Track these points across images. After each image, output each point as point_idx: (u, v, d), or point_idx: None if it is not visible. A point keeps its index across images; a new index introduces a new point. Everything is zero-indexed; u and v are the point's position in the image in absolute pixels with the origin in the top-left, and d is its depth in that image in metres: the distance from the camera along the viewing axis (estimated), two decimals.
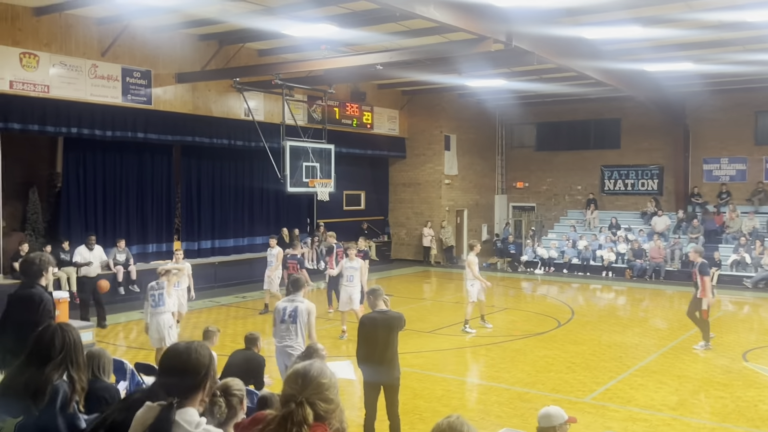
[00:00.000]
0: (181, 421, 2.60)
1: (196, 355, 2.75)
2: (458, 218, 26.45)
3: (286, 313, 7.73)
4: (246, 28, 15.72)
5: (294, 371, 2.58)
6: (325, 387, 2.53)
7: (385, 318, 7.07)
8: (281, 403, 2.52)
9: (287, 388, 2.52)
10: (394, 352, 7.07)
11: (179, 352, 2.78)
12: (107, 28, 15.42)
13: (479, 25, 12.73)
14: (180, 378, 2.72)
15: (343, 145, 21.46)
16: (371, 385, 7.13)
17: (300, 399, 2.44)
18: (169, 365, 2.77)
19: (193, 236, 19.12)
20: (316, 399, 2.47)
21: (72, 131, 15.27)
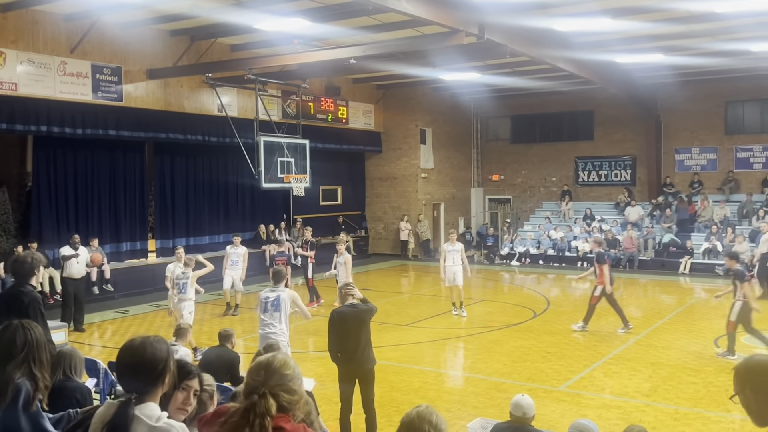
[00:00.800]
0: (141, 415, 2.58)
1: (151, 349, 2.72)
2: (435, 212, 26.52)
3: (269, 303, 8.03)
4: (218, 22, 15.58)
5: (257, 363, 2.57)
6: (288, 378, 2.52)
7: (355, 312, 7.11)
8: (244, 395, 2.51)
9: (250, 380, 2.51)
10: (367, 345, 7.11)
11: (134, 347, 2.75)
12: (75, 24, 15.19)
13: (451, 18, 12.75)
14: (136, 373, 2.69)
15: (318, 140, 21.40)
16: (346, 378, 7.15)
17: (263, 390, 2.44)
18: (125, 361, 2.74)
19: (167, 234, 18.96)
20: (279, 390, 2.47)
21: (41, 129, 15.03)
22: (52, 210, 16.24)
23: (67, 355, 4.87)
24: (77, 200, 16.70)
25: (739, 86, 22.91)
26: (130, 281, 17.09)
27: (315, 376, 9.82)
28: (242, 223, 20.85)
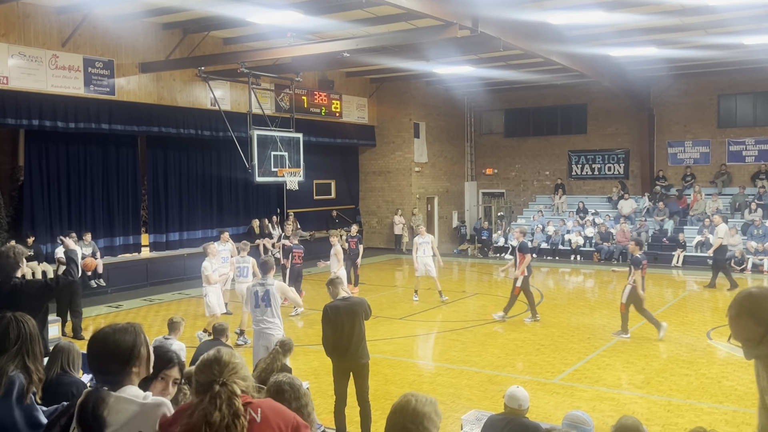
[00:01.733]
0: (128, 396, 2.65)
1: (113, 338, 2.75)
2: (429, 205, 26.53)
3: (259, 297, 8.02)
4: (210, 15, 15.51)
5: (205, 361, 2.68)
6: (239, 366, 2.68)
7: (348, 305, 7.12)
8: (198, 392, 2.62)
9: (203, 376, 2.63)
10: (361, 338, 7.11)
11: (98, 339, 2.79)
12: (67, 17, 15.10)
13: (445, 11, 12.72)
14: (103, 363, 2.73)
15: (311, 133, 21.36)
16: (340, 372, 7.16)
17: (221, 380, 2.59)
18: (91, 353, 2.78)
19: (160, 228, 18.90)
20: (235, 379, 2.62)
21: (33, 123, 14.94)
22: (45, 204, 16.16)
23: (64, 350, 4.86)
24: (70, 194, 16.62)
25: (732, 79, 22.98)
26: (124, 276, 17.04)
27: (310, 370, 9.85)
28: (236, 218, 20.82)
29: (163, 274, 17.94)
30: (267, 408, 2.66)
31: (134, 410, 2.65)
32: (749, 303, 2.69)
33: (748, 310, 2.67)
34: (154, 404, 2.68)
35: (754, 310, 2.66)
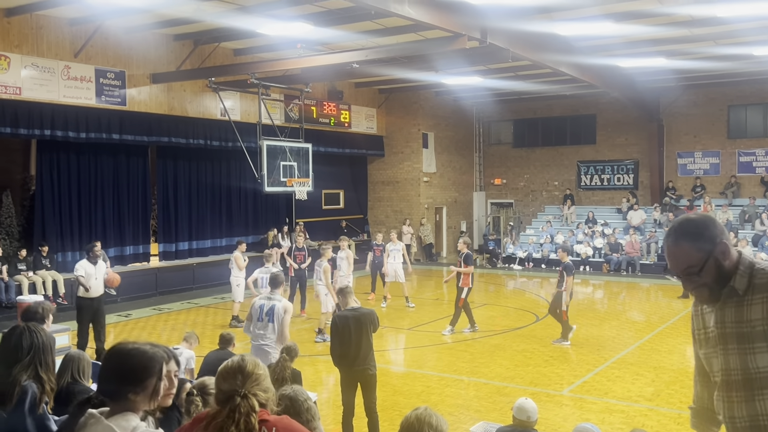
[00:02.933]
0: (115, 426, 2.47)
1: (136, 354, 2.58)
2: (437, 216, 26.53)
3: (263, 312, 7.69)
4: (221, 27, 15.64)
5: (229, 369, 2.66)
6: (262, 378, 2.65)
7: (356, 315, 7.11)
8: (219, 401, 2.59)
9: (226, 385, 2.60)
10: (368, 349, 7.09)
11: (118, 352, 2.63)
12: (79, 28, 15.26)
13: (454, 23, 12.78)
14: (105, 379, 2.59)
15: (320, 144, 21.45)
16: (347, 382, 7.16)
17: (243, 392, 2.56)
18: (107, 364, 2.64)
19: (170, 238, 18.99)
20: (257, 390, 2.60)
21: (45, 133, 15.07)
22: (56, 214, 16.28)
23: (75, 359, 4.89)
24: (80, 204, 16.74)
25: (742, 90, 22.92)
26: (133, 285, 17.08)
27: (318, 380, 9.85)
28: (245, 228, 20.90)
29: (173, 284, 18.02)
30: (282, 428, 2.62)
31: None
32: (689, 227, 2.49)
33: (687, 234, 2.47)
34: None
35: (694, 234, 2.46)
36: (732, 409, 2.56)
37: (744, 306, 2.50)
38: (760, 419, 2.50)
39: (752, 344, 2.47)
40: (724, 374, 2.56)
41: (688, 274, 2.49)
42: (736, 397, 2.53)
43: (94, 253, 10.94)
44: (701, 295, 2.55)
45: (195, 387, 4.33)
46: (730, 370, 2.54)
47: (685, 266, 2.49)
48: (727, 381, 2.55)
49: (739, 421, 2.55)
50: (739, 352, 2.50)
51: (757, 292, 2.49)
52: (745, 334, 2.48)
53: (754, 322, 2.46)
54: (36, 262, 15.26)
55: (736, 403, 2.54)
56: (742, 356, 2.49)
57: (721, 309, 2.55)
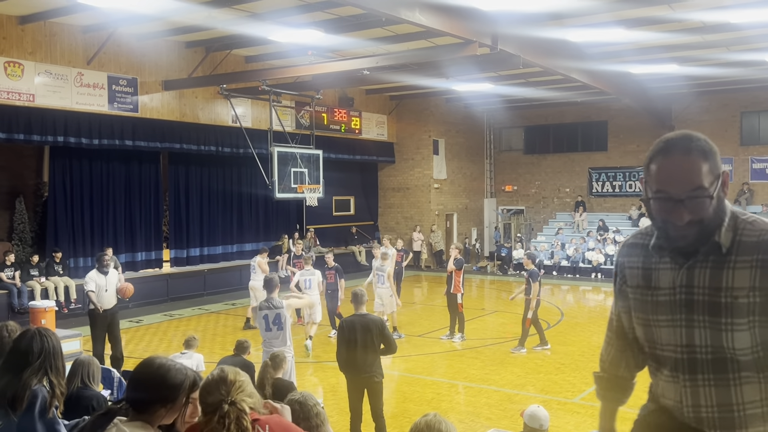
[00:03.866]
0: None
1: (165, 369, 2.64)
2: (448, 222, 26.49)
3: (270, 322, 7.75)
4: (232, 34, 15.72)
5: (211, 381, 2.65)
6: (245, 383, 2.66)
7: (364, 321, 7.09)
8: (206, 412, 2.59)
9: (211, 398, 2.60)
10: (375, 356, 7.06)
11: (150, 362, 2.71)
12: (92, 36, 15.38)
13: (465, 29, 12.77)
14: (139, 387, 2.64)
15: (331, 150, 21.49)
16: (354, 389, 7.15)
17: (230, 400, 2.57)
18: (137, 374, 2.71)
19: (181, 244, 19.06)
20: (243, 397, 2.60)
21: (58, 140, 15.18)
22: (68, 220, 16.39)
23: (84, 364, 4.90)
24: (93, 210, 16.84)
25: (755, 96, 22.77)
26: (144, 291, 17.11)
27: (328, 386, 9.83)
28: (255, 234, 20.94)
29: (184, 290, 18.08)
30: (274, 425, 2.64)
31: None
32: (701, 141, 1.99)
33: (701, 149, 1.96)
34: None
35: (708, 151, 1.97)
36: (697, 395, 2.07)
37: (725, 269, 1.98)
38: (734, 409, 2.04)
39: (730, 319, 1.97)
40: (684, 351, 2.06)
41: (695, 197, 1.93)
42: (703, 380, 2.05)
43: (104, 262, 10.49)
44: (686, 236, 1.97)
45: None
46: (695, 346, 2.04)
47: (697, 185, 1.94)
48: (691, 360, 2.06)
49: (706, 410, 2.06)
50: (710, 327, 2.00)
51: (744, 252, 1.97)
52: (721, 306, 1.98)
53: (737, 292, 1.95)
54: (48, 268, 15.35)
55: (702, 388, 2.06)
56: (715, 332, 2.00)
57: (691, 269, 2.02)
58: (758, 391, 2.03)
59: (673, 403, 2.16)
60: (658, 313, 2.11)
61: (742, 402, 2.02)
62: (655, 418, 2.30)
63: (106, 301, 10.33)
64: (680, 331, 2.06)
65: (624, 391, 2.50)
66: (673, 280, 2.06)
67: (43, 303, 12.30)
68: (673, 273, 2.07)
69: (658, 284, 2.11)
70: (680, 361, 2.09)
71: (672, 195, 1.95)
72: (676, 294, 2.05)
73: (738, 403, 2.03)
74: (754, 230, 1.99)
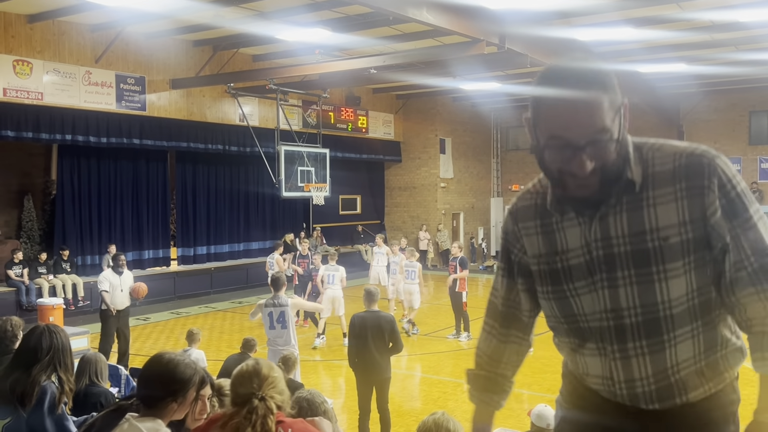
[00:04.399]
0: (141, 427, 2.59)
1: (174, 366, 2.70)
2: (454, 221, 26.46)
3: (274, 320, 7.77)
4: (240, 33, 15.74)
5: (245, 372, 2.65)
6: (278, 380, 2.65)
7: (375, 318, 7.14)
8: (236, 403, 2.58)
9: (242, 388, 2.59)
10: (385, 353, 7.12)
11: (160, 358, 2.76)
12: (101, 34, 15.43)
13: (472, 28, 12.76)
14: (153, 383, 2.69)
15: (338, 149, 21.50)
16: (363, 386, 7.19)
17: (260, 395, 2.56)
18: (147, 370, 2.76)
19: (188, 242, 19.11)
20: (273, 393, 2.59)
21: (66, 138, 15.25)
22: (76, 218, 16.46)
23: (92, 361, 4.93)
24: (100, 208, 16.91)
25: (764, 96, 22.65)
26: (151, 289, 17.04)
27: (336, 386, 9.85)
28: (262, 232, 20.97)
29: (191, 288, 18.12)
30: (297, 429, 2.63)
31: None
32: (600, 73, 1.71)
33: (601, 81, 1.70)
34: None
35: (605, 82, 1.71)
36: (629, 367, 1.77)
37: (644, 209, 1.70)
38: (670, 374, 1.76)
39: (662, 265, 1.68)
40: (610, 317, 1.75)
41: (597, 141, 1.63)
42: (635, 349, 1.75)
43: (119, 262, 10.47)
44: (588, 185, 1.66)
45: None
46: (621, 310, 1.74)
47: (599, 127, 1.65)
48: (618, 327, 1.75)
49: (641, 383, 1.78)
50: (638, 282, 1.70)
51: (661, 184, 1.71)
52: (649, 252, 1.68)
53: (666, 231, 1.68)
54: (56, 266, 15.42)
55: (635, 359, 1.76)
56: (644, 287, 1.70)
57: (604, 219, 1.72)
58: (692, 347, 1.75)
59: (601, 381, 1.84)
60: (573, 279, 1.78)
61: (676, 364, 1.76)
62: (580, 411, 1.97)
63: (120, 301, 10.34)
64: (602, 295, 1.75)
65: (503, 393, 2.19)
66: (584, 237, 1.74)
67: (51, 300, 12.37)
68: (583, 228, 1.75)
69: (566, 246, 1.78)
70: (606, 330, 1.77)
71: (571, 141, 1.62)
72: (591, 251, 1.73)
73: (672, 366, 1.76)
74: (665, 156, 1.76)
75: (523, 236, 1.91)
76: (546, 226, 1.84)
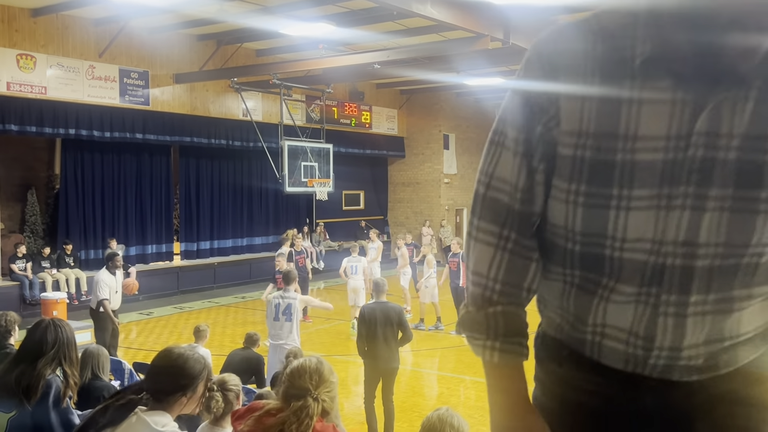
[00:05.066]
0: (148, 419, 2.60)
1: (183, 361, 2.73)
2: (457, 217, 26.44)
3: (280, 311, 7.79)
4: (244, 27, 15.71)
5: (306, 368, 2.62)
6: (333, 385, 2.64)
7: (384, 309, 7.21)
8: (288, 396, 2.56)
9: (301, 382, 2.57)
10: (393, 343, 7.18)
11: (169, 352, 2.79)
12: (104, 29, 15.41)
13: (477, 23, 12.72)
14: (159, 376, 2.72)
15: (341, 144, 21.48)
16: (371, 375, 7.27)
17: (315, 394, 2.53)
18: (157, 363, 2.78)
19: (192, 237, 19.11)
20: (326, 396, 2.58)
21: (70, 132, 15.24)
22: (79, 212, 16.46)
23: (94, 354, 4.93)
24: (104, 202, 16.91)
25: None
26: (155, 283, 17.21)
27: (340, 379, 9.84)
28: (265, 227, 20.97)
29: (194, 283, 18.13)
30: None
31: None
32: None
33: None
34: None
35: None
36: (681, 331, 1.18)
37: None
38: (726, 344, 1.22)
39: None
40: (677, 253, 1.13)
41: None
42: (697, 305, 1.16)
43: (114, 263, 10.14)
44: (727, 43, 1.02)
45: (215, 383, 4.35)
46: (696, 246, 1.12)
47: None
48: (684, 269, 1.14)
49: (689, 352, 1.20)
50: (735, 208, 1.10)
51: None
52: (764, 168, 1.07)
53: None
54: (60, 260, 15.43)
55: (693, 317, 1.17)
56: (742, 217, 1.10)
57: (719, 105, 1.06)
58: (759, 314, 1.22)
59: (625, 340, 1.23)
60: (634, 183, 1.12)
61: (737, 334, 1.22)
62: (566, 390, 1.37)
63: (116, 302, 10.16)
64: (676, 217, 1.11)
65: (525, 334, 1.39)
66: (679, 124, 1.09)
67: (54, 295, 12.38)
68: (679, 110, 1.08)
69: (637, 129, 1.11)
70: (662, 271, 1.15)
71: None
72: (683, 148, 1.08)
73: (732, 336, 1.22)
74: None
75: (561, 97, 1.21)
76: (609, 88, 1.13)
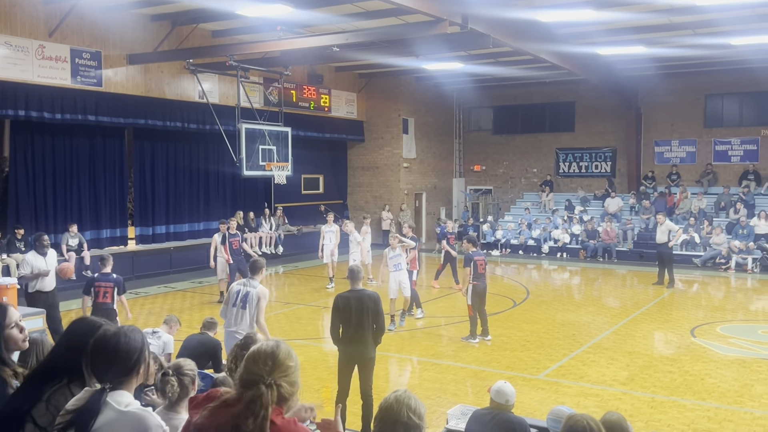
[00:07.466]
0: (111, 401, 2.64)
1: (125, 339, 2.76)
2: (417, 201, 26.56)
3: (238, 298, 7.63)
4: (199, 8, 15.43)
5: (261, 352, 2.51)
6: (292, 369, 2.51)
7: (359, 297, 7.10)
8: (243, 384, 2.46)
9: (254, 368, 2.46)
10: (368, 331, 7.08)
11: (107, 338, 2.77)
12: (54, 7, 14.96)
13: (435, 7, 12.73)
14: (110, 364, 2.73)
15: (300, 128, 21.32)
16: (345, 363, 7.19)
17: (269, 381, 2.43)
18: (99, 352, 2.76)
19: (147, 221, 18.80)
20: (283, 381, 2.46)
21: (19, 114, 14.79)
22: (30, 196, 16.02)
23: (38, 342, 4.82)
24: (56, 186, 16.49)
25: (719, 79, 23.15)
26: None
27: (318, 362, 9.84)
28: (223, 211, 20.72)
29: (149, 267, 17.86)
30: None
31: (111, 417, 2.63)
32: None
33: None
34: (134, 415, 2.64)
35: None
36: None
37: None
38: None
39: None
40: None
41: None
42: None
43: (43, 243, 10.13)
44: None
45: (171, 368, 4.33)
46: None
47: None
48: None
49: None
50: None
51: None
52: None
53: None
54: (10, 245, 15.04)
55: None
56: None
57: None
58: None
59: None
60: None
61: None
62: None
63: (47, 282, 10.10)
64: None
65: None
66: None
67: (4, 280, 12.02)
68: None
69: None
70: None
71: None
72: None
73: None
74: None
75: None
76: None
